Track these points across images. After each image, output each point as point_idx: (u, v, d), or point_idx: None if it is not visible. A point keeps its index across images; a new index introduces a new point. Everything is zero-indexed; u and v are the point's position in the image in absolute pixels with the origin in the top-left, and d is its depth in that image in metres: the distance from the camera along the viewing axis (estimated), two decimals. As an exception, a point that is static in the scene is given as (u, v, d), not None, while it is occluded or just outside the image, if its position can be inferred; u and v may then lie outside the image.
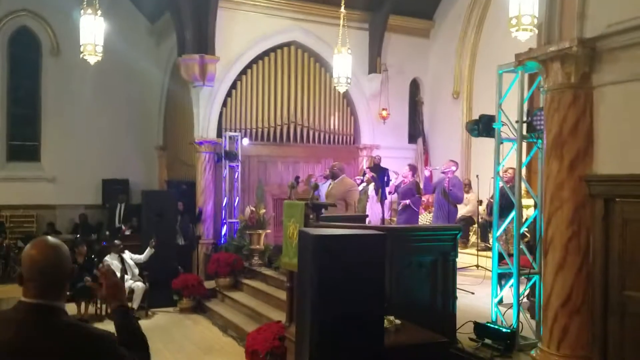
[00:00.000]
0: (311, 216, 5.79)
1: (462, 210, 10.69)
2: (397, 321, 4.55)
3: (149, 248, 9.60)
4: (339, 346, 3.53)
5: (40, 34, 14.05)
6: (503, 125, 5.31)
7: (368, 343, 3.59)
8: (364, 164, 13.06)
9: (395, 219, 10.93)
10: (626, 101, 3.93)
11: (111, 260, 9.26)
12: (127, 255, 9.49)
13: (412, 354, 4.32)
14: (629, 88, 3.90)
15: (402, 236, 5.28)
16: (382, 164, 12.25)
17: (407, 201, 9.28)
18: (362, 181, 10.89)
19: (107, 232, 12.58)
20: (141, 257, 9.60)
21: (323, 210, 6.10)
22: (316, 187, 6.54)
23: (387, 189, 10.89)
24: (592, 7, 4.06)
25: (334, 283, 3.50)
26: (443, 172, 9.34)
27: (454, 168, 9.24)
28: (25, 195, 13.51)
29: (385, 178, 10.76)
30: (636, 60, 3.83)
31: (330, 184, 8.81)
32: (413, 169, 10.11)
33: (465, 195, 10.48)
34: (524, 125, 5.10)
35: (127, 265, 9.37)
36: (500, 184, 5.50)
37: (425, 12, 13.89)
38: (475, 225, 10.43)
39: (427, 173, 9.64)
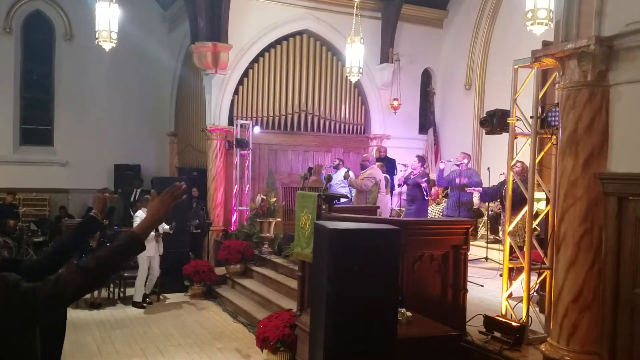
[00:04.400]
0: (324, 207, 5.86)
1: (472, 202, 10.71)
2: (408, 313, 4.62)
3: (168, 226, 9.45)
4: (353, 337, 3.60)
5: (54, 18, 14.10)
6: (517, 120, 5.32)
7: (382, 335, 3.66)
8: (373, 154, 13.08)
9: (404, 209, 10.99)
10: (642, 100, 3.94)
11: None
12: None
13: (422, 346, 4.40)
14: (645, 87, 3.91)
15: (414, 229, 5.32)
16: (391, 155, 12.32)
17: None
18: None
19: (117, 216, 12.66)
20: (166, 227, 9.40)
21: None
22: (329, 178, 6.60)
23: (397, 181, 10.93)
24: (610, 5, 4.06)
25: (349, 276, 3.56)
26: (457, 165, 9.39)
27: (465, 161, 9.28)
28: (38, 179, 13.66)
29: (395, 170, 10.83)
30: (653, 60, 3.84)
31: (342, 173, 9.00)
32: (422, 160, 10.15)
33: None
34: (539, 121, 5.11)
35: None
36: (514, 178, 5.52)
37: (438, 1, 13.79)
38: (485, 218, 10.45)
39: (441, 166, 9.67)
